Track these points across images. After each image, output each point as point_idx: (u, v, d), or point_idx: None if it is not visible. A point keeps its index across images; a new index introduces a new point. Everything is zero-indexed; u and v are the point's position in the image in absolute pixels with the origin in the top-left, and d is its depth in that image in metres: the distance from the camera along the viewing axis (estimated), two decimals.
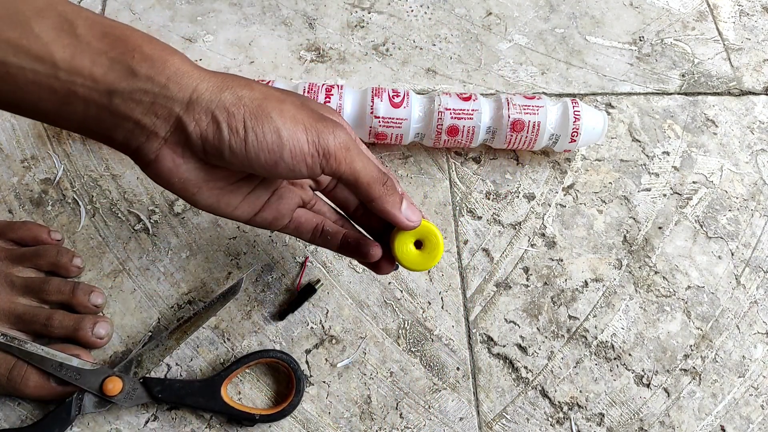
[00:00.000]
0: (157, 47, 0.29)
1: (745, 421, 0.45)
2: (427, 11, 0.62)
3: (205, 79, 0.30)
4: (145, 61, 0.28)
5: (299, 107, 0.32)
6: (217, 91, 0.30)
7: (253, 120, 0.30)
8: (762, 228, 0.52)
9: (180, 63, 0.29)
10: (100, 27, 0.28)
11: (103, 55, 0.28)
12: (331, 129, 0.32)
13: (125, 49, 0.28)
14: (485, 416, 0.44)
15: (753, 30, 0.64)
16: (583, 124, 0.50)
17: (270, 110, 0.30)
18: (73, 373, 0.40)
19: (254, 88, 0.31)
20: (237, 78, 0.31)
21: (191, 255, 0.48)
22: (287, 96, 0.32)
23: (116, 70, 0.28)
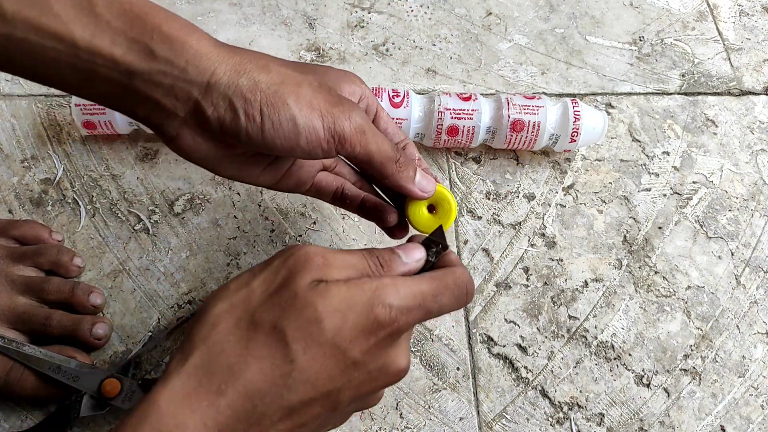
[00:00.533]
0: (175, 26, 0.29)
1: (745, 421, 0.45)
2: (427, 11, 0.62)
3: (224, 61, 0.30)
4: (164, 42, 0.29)
5: (316, 90, 0.32)
6: (235, 75, 0.30)
7: (269, 107, 0.30)
8: (762, 228, 0.52)
9: (198, 43, 0.29)
10: (118, 4, 0.28)
11: (122, 35, 0.28)
12: (347, 113, 0.32)
13: (144, 29, 0.29)
14: (485, 416, 0.44)
15: (753, 30, 0.64)
16: (583, 124, 0.50)
17: (286, 96, 0.30)
18: (72, 375, 0.40)
19: (271, 71, 0.31)
20: (255, 58, 0.31)
21: (191, 255, 0.48)
22: (304, 77, 0.32)
23: (135, 50, 0.29)
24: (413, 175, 0.35)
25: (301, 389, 0.27)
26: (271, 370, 0.27)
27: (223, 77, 0.30)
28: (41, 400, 0.41)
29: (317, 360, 0.27)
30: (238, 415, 0.26)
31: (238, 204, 0.50)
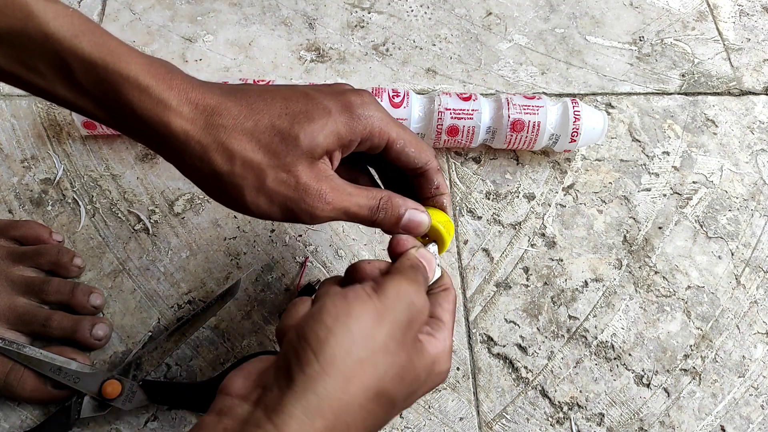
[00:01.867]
0: (148, 104, 0.30)
1: (745, 421, 0.45)
2: (427, 11, 0.62)
3: (191, 144, 0.31)
4: (136, 120, 0.30)
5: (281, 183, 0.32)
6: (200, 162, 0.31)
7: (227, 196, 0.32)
8: (762, 228, 0.52)
9: (168, 125, 0.30)
10: (95, 74, 0.30)
11: (102, 103, 0.31)
12: (310, 209, 0.32)
13: (118, 103, 0.30)
14: (485, 416, 0.44)
15: (753, 30, 0.64)
16: (583, 124, 0.50)
17: (246, 192, 0.32)
18: (72, 376, 0.40)
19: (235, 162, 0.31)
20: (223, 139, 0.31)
21: (191, 255, 0.48)
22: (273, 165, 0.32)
23: (116, 118, 0.31)
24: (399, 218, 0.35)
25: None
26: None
27: (189, 160, 0.31)
28: (41, 401, 0.41)
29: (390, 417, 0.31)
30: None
31: None
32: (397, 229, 0.35)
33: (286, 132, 0.32)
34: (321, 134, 0.32)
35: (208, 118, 0.31)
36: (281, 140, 0.32)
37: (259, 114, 0.32)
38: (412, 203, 0.36)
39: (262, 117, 0.32)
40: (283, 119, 0.32)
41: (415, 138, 0.36)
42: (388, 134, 0.35)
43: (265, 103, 0.32)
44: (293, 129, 0.32)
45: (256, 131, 0.31)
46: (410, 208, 0.35)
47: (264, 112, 0.32)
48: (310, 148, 0.32)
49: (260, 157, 0.31)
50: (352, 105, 0.34)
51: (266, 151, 0.31)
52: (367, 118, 0.34)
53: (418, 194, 0.38)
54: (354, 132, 0.33)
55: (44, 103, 0.54)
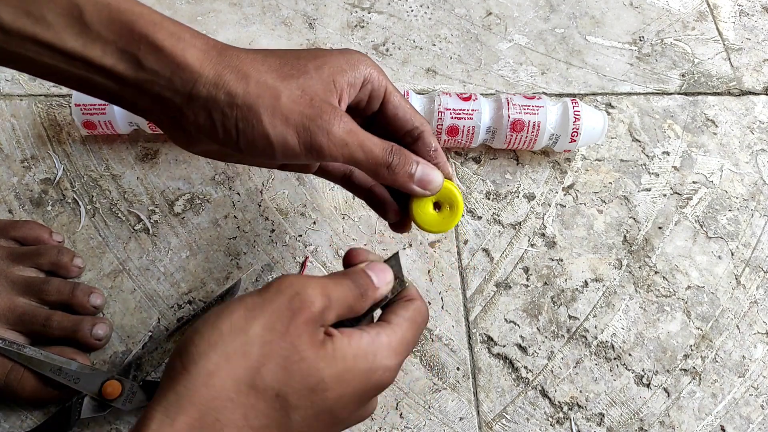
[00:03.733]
0: (161, 35, 0.30)
1: (745, 421, 0.45)
2: (427, 11, 0.62)
3: (206, 71, 0.30)
4: (150, 53, 0.30)
5: (295, 101, 0.31)
6: (213, 88, 0.30)
7: (244, 123, 0.31)
8: (762, 228, 0.52)
9: (184, 53, 0.30)
10: (107, 12, 0.29)
11: (111, 45, 0.29)
12: (326, 126, 0.31)
13: (131, 38, 0.29)
14: (485, 416, 0.44)
15: (753, 30, 0.64)
16: (583, 124, 0.50)
17: (261, 112, 0.31)
18: (72, 376, 0.40)
19: (250, 82, 0.31)
20: (238, 64, 0.31)
21: (191, 255, 0.48)
22: (286, 86, 0.31)
23: (125, 60, 0.30)
24: (412, 172, 0.34)
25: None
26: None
27: (203, 90, 0.30)
28: (41, 402, 0.41)
29: (310, 426, 0.28)
30: None
31: (238, 204, 0.50)
32: (411, 184, 0.34)
33: (294, 63, 0.32)
34: (327, 66, 0.33)
35: (221, 50, 0.31)
36: (291, 67, 0.32)
37: (268, 53, 0.33)
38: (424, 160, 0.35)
39: (270, 53, 0.33)
40: (290, 55, 0.33)
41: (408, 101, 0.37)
42: (385, 84, 0.35)
43: (270, 50, 0.33)
44: (300, 60, 0.33)
45: (266, 61, 0.32)
46: (422, 163, 0.35)
47: (272, 52, 0.33)
48: (319, 74, 0.32)
49: (273, 78, 0.31)
50: (351, 52, 0.35)
51: (278, 74, 0.32)
52: (366, 63, 0.35)
53: None
54: (356, 70, 0.34)
55: (44, 103, 0.54)
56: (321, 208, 0.51)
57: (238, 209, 0.50)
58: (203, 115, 0.31)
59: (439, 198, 0.37)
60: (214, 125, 0.31)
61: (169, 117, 0.32)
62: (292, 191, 0.51)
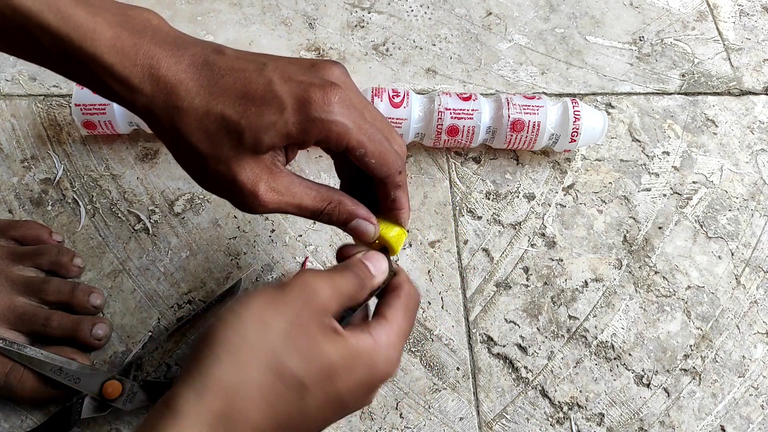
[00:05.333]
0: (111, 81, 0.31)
1: (745, 421, 0.45)
2: (427, 11, 0.62)
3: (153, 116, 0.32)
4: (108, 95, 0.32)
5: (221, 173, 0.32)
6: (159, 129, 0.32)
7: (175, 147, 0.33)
8: (762, 228, 0.52)
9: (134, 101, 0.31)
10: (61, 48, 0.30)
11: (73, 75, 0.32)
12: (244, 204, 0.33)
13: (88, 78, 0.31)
14: (485, 416, 0.44)
15: (753, 30, 0.64)
16: (583, 124, 0.50)
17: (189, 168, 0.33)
18: (73, 376, 0.40)
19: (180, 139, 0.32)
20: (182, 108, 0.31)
21: (191, 255, 0.48)
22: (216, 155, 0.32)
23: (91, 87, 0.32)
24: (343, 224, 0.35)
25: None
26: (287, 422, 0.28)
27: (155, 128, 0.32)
28: (41, 402, 0.41)
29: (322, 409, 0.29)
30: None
31: None
32: (346, 228, 0.36)
33: (234, 125, 0.31)
34: (267, 135, 0.31)
35: (166, 97, 0.31)
36: (227, 132, 0.31)
37: (216, 98, 0.31)
38: (364, 211, 0.35)
39: (216, 102, 0.31)
40: (235, 108, 0.31)
41: (381, 146, 0.33)
42: (346, 141, 0.32)
43: (228, 81, 0.31)
44: (240, 123, 0.31)
45: (205, 119, 0.31)
46: (359, 218, 0.35)
47: (221, 96, 0.31)
48: (253, 145, 0.31)
49: (204, 147, 0.31)
50: (311, 104, 0.31)
51: (210, 142, 0.31)
52: (323, 122, 0.31)
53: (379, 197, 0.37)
54: (307, 134, 0.31)
55: (44, 103, 0.54)
56: None
57: (238, 210, 0.50)
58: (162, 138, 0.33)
59: (380, 242, 0.37)
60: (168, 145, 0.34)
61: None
62: None
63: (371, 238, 0.36)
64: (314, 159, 0.52)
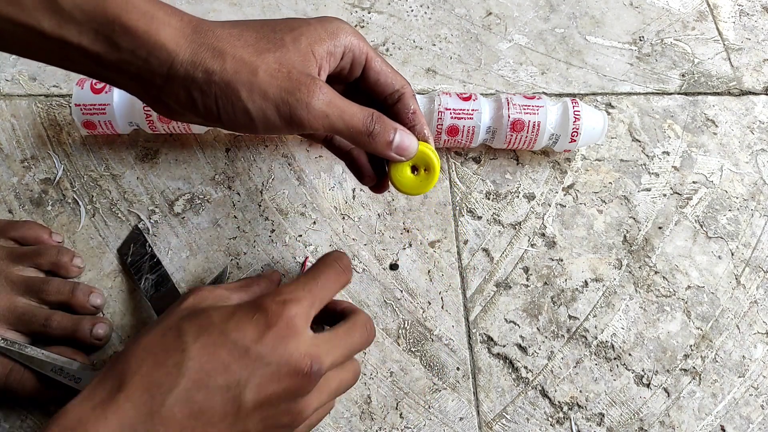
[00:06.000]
0: (134, 15, 0.30)
1: (745, 421, 0.45)
2: (427, 11, 0.62)
3: (182, 50, 0.30)
4: (125, 34, 0.30)
5: (273, 75, 0.31)
6: (191, 67, 0.31)
7: (223, 100, 0.31)
8: (762, 228, 0.52)
9: (158, 32, 0.30)
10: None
11: (86, 26, 0.29)
12: (306, 99, 0.32)
13: (105, 20, 0.29)
14: (485, 416, 0.44)
15: (753, 30, 0.64)
16: (583, 124, 0.50)
17: (239, 88, 0.31)
18: (74, 377, 0.40)
19: (226, 59, 0.31)
20: (214, 41, 0.31)
21: (191, 255, 0.48)
22: (262, 60, 0.32)
23: (101, 41, 0.30)
24: (390, 139, 0.35)
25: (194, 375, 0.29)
26: (165, 361, 0.29)
27: (180, 69, 0.31)
28: (42, 402, 0.41)
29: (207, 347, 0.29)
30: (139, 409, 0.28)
31: (238, 204, 0.50)
32: (389, 151, 0.35)
33: (270, 36, 0.33)
34: (304, 37, 0.33)
35: (195, 27, 0.31)
36: (267, 40, 0.32)
37: (243, 26, 0.33)
38: (400, 126, 0.36)
39: (246, 27, 0.33)
40: (266, 28, 0.33)
41: (389, 63, 0.38)
42: (367, 50, 0.36)
43: (246, 22, 0.34)
44: (276, 33, 0.33)
45: (243, 35, 0.32)
46: (400, 130, 0.36)
47: (246, 26, 0.33)
48: (297, 46, 0.33)
49: (249, 53, 0.31)
50: (330, 19, 0.35)
51: (255, 49, 0.32)
52: (346, 30, 0.35)
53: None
54: (336, 39, 0.34)
55: (44, 103, 0.54)
56: (321, 208, 0.51)
57: (238, 209, 0.50)
58: (183, 93, 0.31)
59: (416, 162, 0.38)
60: (195, 102, 0.32)
61: (151, 94, 0.32)
62: (292, 191, 0.51)
63: (414, 151, 0.36)
64: (314, 159, 0.52)
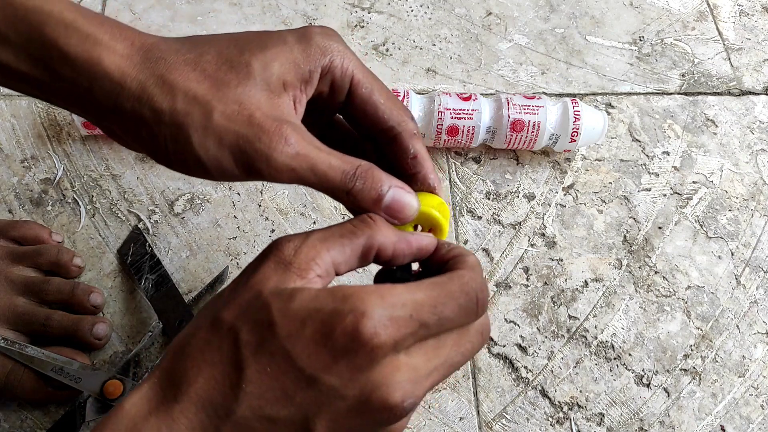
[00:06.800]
0: (73, 39, 0.26)
1: (745, 421, 0.45)
2: (427, 11, 0.62)
3: (127, 81, 0.26)
4: (64, 61, 0.26)
5: (231, 117, 0.26)
6: (137, 103, 0.26)
7: (174, 144, 0.27)
8: (762, 228, 0.52)
9: (101, 59, 0.26)
10: (12, 11, 0.26)
11: (23, 51, 0.26)
12: (266, 150, 0.26)
13: (42, 44, 0.26)
14: (485, 416, 0.44)
15: (753, 30, 0.64)
16: (583, 124, 0.50)
17: (191, 133, 0.26)
18: (74, 377, 0.40)
19: (177, 95, 0.26)
20: (162, 72, 0.27)
21: (191, 255, 0.48)
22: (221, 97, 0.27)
23: (40, 67, 0.27)
24: (375, 200, 0.28)
25: (253, 404, 0.23)
26: (222, 378, 0.24)
27: (127, 104, 0.26)
28: (42, 402, 0.41)
29: (268, 372, 0.23)
30: (193, 425, 0.23)
31: (238, 204, 0.50)
32: (378, 210, 0.28)
33: (235, 60, 0.27)
34: (275, 62, 0.27)
35: (145, 53, 0.27)
36: (230, 68, 0.27)
37: (204, 47, 0.28)
38: (398, 181, 0.29)
39: (207, 48, 0.27)
40: (232, 49, 0.28)
41: (389, 91, 0.30)
42: (352, 71, 0.29)
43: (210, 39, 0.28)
44: (243, 56, 0.27)
45: (200, 62, 0.27)
46: (395, 186, 0.28)
47: (209, 45, 0.28)
48: (265, 77, 0.27)
49: (205, 89, 0.26)
50: (310, 33, 0.29)
51: (213, 82, 0.27)
52: (327, 47, 0.29)
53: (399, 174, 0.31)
54: (312, 60, 0.28)
55: (44, 104, 0.54)
56: (321, 208, 0.51)
57: (238, 209, 0.50)
58: (131, 128, 0.27)
59: (419, 222, 0.30)
60: (144, 141, 0.27)
61: (102, 125, 0.29)
62: (292, 191, 0.51)
63: (413, 213, 0.28)
64: None
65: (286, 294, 0.24)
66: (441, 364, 0.25)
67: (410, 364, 0.24)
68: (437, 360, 0.25)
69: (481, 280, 0.27)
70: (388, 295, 0.24)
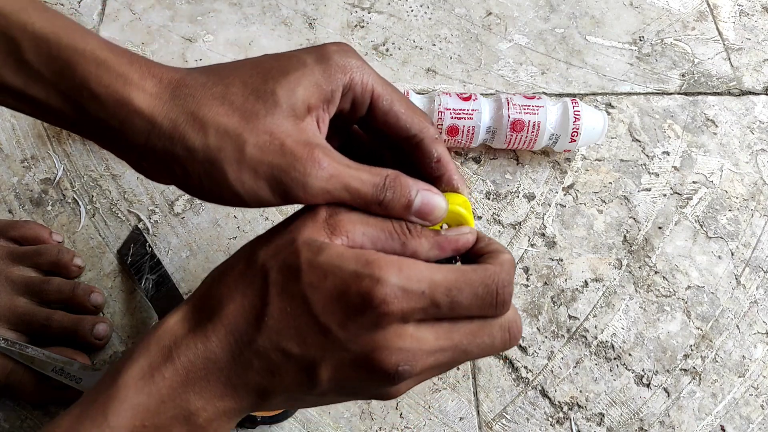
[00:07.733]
0: (105, 80, 0.27)
1: (745, 421, 0.45)
2: (427, 11, 0.62)
3: (158, 120, 0.27)
4: (94, 100, 0.27)
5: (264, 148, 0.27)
6: (169, 142, 0.27)
7: (209, 180, 0.27)
8: (762, 228, 0.52)
9: (131, 98, 0.27)
10: (46, 49, 0.27)
11: (53, 88, 0.27)
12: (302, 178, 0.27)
13: (73, 83, 0.27)
14: (485, 416, 0.44)
15: (753, 30, 0.64)
16: (583, 124, 0.50)
17: (226, 167, 0.27)
18: (74, 377, 0.40)
19: (208, 131, 0.27)
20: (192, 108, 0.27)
21: (191, 255, 0.48)
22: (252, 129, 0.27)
23: (70, 104, 0.27)
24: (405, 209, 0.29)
25: (273, 337, 0.26)
26: (250, 308, 0.26)
27: (158, 143, 0.27)
28: (42, 402, 0.41)
29: (289, 313, 0.26)
30: (224, 348, 0.26)
31: None
32: (408, 216, 0.29)
33: (261, 89, 0.28)
34: (299, 86, 0.28)
35: (174, 90, 0.27)
36: (257, 98, 0.28)
37: (229, 78, 0.28)
38: (424, 184, 0.30)
39: (232, 80, 0.28)
40: (255, 77, 0.28)
41: (407, 99, 0.32)
42: (371, 86, 0.30)
43: (233, 68, 0.29)
44: (267, 84, 0.28)
45: (227, 94, 0.28)
46: (422, 189, 0.29)
47: (233, 75, 0.29)
48: (291, 104, 0.28)
49: (236, 122, 0.27)
50: (328, 52, 0.30)
51: (242, 114, 0.27)
52: (346, 65, 0.30)
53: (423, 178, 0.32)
54: (334, 80, 0.29)
55: None
56: None
57: (238, 209, 0.50)
58: (163, 167, 0.28)
59: (447, 221, 0.31)
60: (177, 177, 0.28)
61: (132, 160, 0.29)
62: None
63: (443, 213, 0.30)
64: None
65: (316, 246, 0.26)
66: (450, 347, 0.27)
67: (416, 335, 0.26)
68: (446, 342, 0.27)
69: (506, 277, 0.27)
70: (406, 268, 0.26)
